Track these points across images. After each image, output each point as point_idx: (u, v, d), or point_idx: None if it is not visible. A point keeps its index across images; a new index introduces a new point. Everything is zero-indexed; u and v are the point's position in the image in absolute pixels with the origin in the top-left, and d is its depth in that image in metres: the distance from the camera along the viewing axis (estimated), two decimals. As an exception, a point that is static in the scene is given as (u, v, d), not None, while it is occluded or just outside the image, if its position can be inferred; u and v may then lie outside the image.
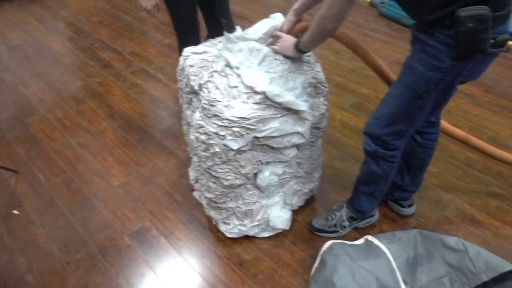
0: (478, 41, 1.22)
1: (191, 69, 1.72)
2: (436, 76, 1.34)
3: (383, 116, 1.52)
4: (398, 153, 1.62)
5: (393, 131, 1.52)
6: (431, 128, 1.72)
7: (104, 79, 3.04)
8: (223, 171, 1.68)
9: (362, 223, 1.90)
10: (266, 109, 1.57)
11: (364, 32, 3.58)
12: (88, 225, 1.99)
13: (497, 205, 2.01)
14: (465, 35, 1.21)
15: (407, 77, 1.42)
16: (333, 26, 1.39)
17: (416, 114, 1.46)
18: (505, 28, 1.28)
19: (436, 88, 1.37)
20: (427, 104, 1.43)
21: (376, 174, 1.66)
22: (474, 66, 1.33)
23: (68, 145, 2.46)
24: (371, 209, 1.84)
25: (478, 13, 1.18)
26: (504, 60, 3.10)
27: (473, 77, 1.40)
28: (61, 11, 4.06)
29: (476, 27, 1.19)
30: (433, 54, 1.31)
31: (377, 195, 1.78)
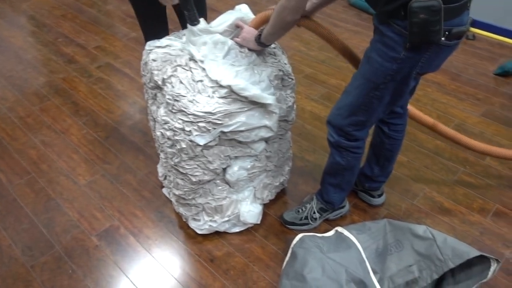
0: (430, 32, 1.23)
1: (154, 63, 1.67)
2: (392, 67, 1.34)
3: (344, 106, 1.53)
4: (361, 144, 1.63)
5: (354, 121, 1.53)
6: (398, 119, 1.73)
7: (68, 75, 2.94)
8: (191, 167, 1.65)
9: (333, 215, 1.90)
10: (232, 103, 1.54)
11: (334, 22, 3.58)
12: (54, 226, 1.92)
13: (464, 192, 2.05)
14: (418, 26, 1.22)
15: (365, 68, 1.42)
16: (292, 18, 1.37)
17: (374, 105, 1.46)
18: (461, 20, 1.29)
19: (393, 79, 1.38)
20: (385, 95, 1.43)
21: (341, 165, 1.67)
22: (430, 57, 1.33)
23: (31, 144, 2.37)
24: (340, 200, 1.84)
25: (430, 4, 1.19)
26: (470, 47, 3.15)
27: (431, 68, 1.41)
28: (22, 5, 3.90)
29: (428, 18, 1.20)
30: (390, 45, 1.32)
31: (345, 186, 1.78)
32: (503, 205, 1.98)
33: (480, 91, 2.72)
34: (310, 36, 3.36)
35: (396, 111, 1.70)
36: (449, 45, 1.32)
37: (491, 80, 2.82)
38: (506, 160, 2.20)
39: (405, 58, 1.31)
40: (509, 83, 2.78)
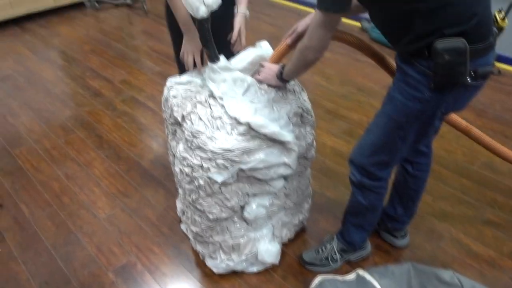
0: (456, 73, 1.20)
1: (174, 100, 1.69)
2: (416, 107, 1.31)
3: (367, 145, 1.50)
4: (384, 184, 1.58)
5: (377, 161, 1.49)
6: (422, 158, 1.68)
7: (93, 108, 3.01)
8: (208, 204, 1.63)
9: (354, 256, 1.84)
10: (251, 140, 1.53)
11: (356, 57, 3.58)
12: (72, 260, 1.92)
13: (493, 234, 1.96)
14: (443, 67, 1.19)
15: (388, 107, 1.39)
16: (314, 57, 1.37)
17: (398, 144, 1.43)
18: (487, 60, 1.26)
19: (418, 119, 1.34)
20: (409, 135, 1.40)
21: (363, 205, 1.62)
22: (456, 97, 1.30)
23: (54, 176, 2.41)
24: (362, 241, 1.78)
25: (455, 45, 1.17)
26: (496, 83, 3.08)
27: (457, 108, 1.37)
28: (53, 40, 4.07)
29: (454, 60, 1.18)
30: (413, 84, 1.29)
31: (367, 227, 1.72)
32: (536, 249, 1.88)
33: (508, 128, 2.64)
34: (331, 70, 3.37)
35: (421, 150, 1.66)
36: (475, 85, 1.28)
37: (519, 116, 2.75)
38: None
39: (429, 98, 1.28)
40: (539, 120, 2.70)
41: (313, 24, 1.28)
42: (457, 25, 1.18)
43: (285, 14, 4.39)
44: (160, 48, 3.81)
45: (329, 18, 1.25)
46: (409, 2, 1.19)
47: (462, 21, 1.18)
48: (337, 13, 1.24)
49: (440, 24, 1.18)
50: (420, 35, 1.21)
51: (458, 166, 2.35)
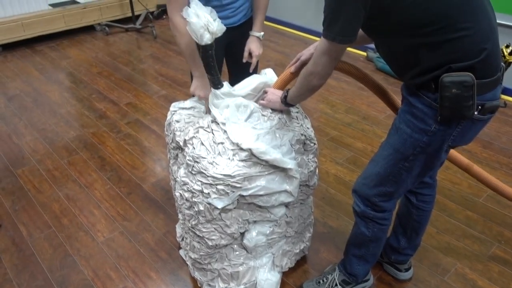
0: (463, 107, 1.19)
1: (177, 124, 1.69)
2: (423, 139, 1.30)
3: (371, 176, 1.47)
4: (388, 215, 1.55)
5: (381, 192, 1.46)
6: (427, 189, 1.65)
7: (98, 130, 3.02)
8: (208, 231, 1.60)
9: (356, 288, 1.79)
10: (252, 166, 1.52)
11: (361, 86, 3.59)
12: (67, 285, 1.88)
13: (500, 270, 1.90)
14: (450, 101, 1.19)
15: (394, 138, 1.38)
16: (318, 83, 1.36)
17: (403, 176, 1.40)
18: (494, 95, 1.25)
19: (424, 151, 1.32)
20: (415, 167, 1.37)
21: (366, 236, 1.58)
22: (463, 131, 1.28)
23: (55, 197, 2.40)
24: (364, 273, 1.73)
25: (462, 79, 1.16)
26: (502, 115, 3.07)
27: (463, 142, 1.35)
28: (62, 62, 4.14)
29: (461, 94, 1.17)
30: (420, 116, 1.28)
31: (370, 259, 1.68)
32: (544, 287, 1.82)
33: (514, 160, 2.61)
34: (336, 98, 3.37)
35: (425, 181, 1.63)
36: (482, 120, 1.27)
37: (525, 149, 2.72)
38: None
39: (436, 131, 1.27)
40: (545, 153, 2.67)
41: (318, 51, 1.29)
42: (465, 60, 1.17)
43: (292, 43, 4.44)
44: (166, 72, 3.85)
45: (334, 47, 1.25)
46: (416, 36, 1.19)
47: (471, 56, 1.17)
48: (342, 44, 1.24)
49: (448, 58, 1.18)
50: (427, 69, 1.21)
51: (463, 198, 2.31)
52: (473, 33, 1.16)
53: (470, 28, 1.16)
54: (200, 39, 1.49)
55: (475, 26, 1.16)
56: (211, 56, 1.52)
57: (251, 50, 1.97)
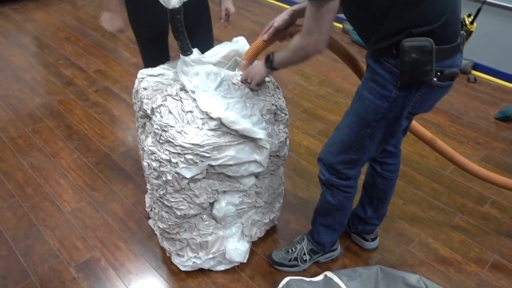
0: (422, 72, 1.21)
1: (144, 92, 1.64)
2: (383, 105, 1.32)
3: (335, 144, 1.49)
4: (353, 183, 1.57)
5: (345, 159, 1.48)
6: (391, 159, 1.68)
7: (65, 97, 2.92)
8: (176, 201, 1.58)
9: (324, 257, 1.82)
10: (222, 136, 1.49)
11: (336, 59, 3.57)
12: (32, 255, 1.84)
13: (461, 240, 1.97)
14: (409, 65, 1.21)
15: (357, 105, 1.40)
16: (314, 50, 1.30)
17: (366, 143, 1.42)
18: (454, 62, 1.27)
19: (385, 117, 1.34)
20: (377, 133, 1.39)
21: (332, 204, 1.61)
22: (422, 97, 1.30)
23: (19, 166, 2.32)
24: (331, 242, 1.76)
25: (422, 44, 1.18)
26: (472, 91, 3.12)
27: (424, 108, 1.38)
28: (27, 25, 3.94)
29: (420, 58, 1.19)
30: (381, 83, 1.30)
31: (337, 227, 1.71)
32: (501, 256, 1.89)
33: (480, 135, 2.67)
34: (311, 70, 3.35)
35: (389, 150, 1.66)
36: (442, 86, 1.29)
37: (492, 124, 2.78)
38: (505, 208, 2.13)
39: (396, 96, 1.29)
40: (510, 128, 2.74)
41: (309, 18, 1.23)
42: (425, 25, 1.19)
43: (268, 12, 4.36)
44: (137, 39, 3.72)
45: (325, 5, 1.18)
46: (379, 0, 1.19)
47: (430, 21, 1.19)
48: None
49: (408, 23, 1.19)
50: (389, 34, 1.22)
51: (430, 171, 2.37)
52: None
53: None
54: (167, 2, 1.42)
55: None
56: (179, 21, 1.46)
57: (228, 8, 1.92)
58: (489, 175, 1.80)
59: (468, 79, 3.23)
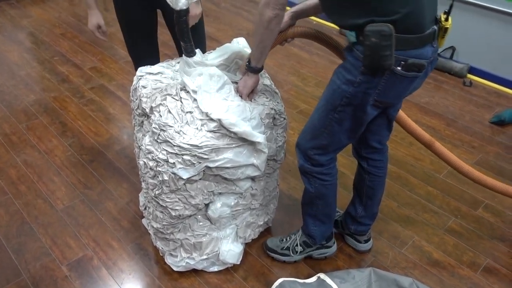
0: (381, 56, 1.25)
1: (143, 90, 1.63)
2: (348, 90, 1.37)
3: (308, 129, 1.55)
4: (326, 171, 1.60)
5: (316, 145, 1.53)
6: (376, 155, 1.70)
7: (60, 94, 2.90)
8: (171, 201, 1.58)
9: (317, 253, 1.83)
10: (221, 138, 1.49)
11: (332, 59, 3.58)
12: (24, 252, 1.83)
13: (455, 243, 1.98)
14: (370, 49, 1.25)
15: (326, 90, 1.46)
16: (272, 13, 1.34)
17: (335, 128, 1.47)
18: (420, 53, 1.30)
19: (350, 103, 1.39)
20: (344, 119, 1.44)
21: (311, 193, 1.65)
22: (386, 85, 1.33)
23: (12, 163, 2.30)
24: (321, 236, 1.78)
25: (381, 29, 1.23)
26: (467, 94, 3.14)
27: (390, 98, 1.40)
28: (23, 21, 3.90)
29: (379, 43, 1.23)
30: (348, 68, 1.35)
31: (323, 219, 1.73)
32: (494, 260, 1.90)
33: (475, 139, 2.68)
34: (307, 71, 3.35)
35: (373, 146, 1.67)
36: (407, 76, 1.32)
37: (487, 128, 2.80)
38: (499, 213, 2.14)
39: (360, 82, 1.33)
40: (505, 133, 2.76)
41: None
42: (387, 15, 1.23)
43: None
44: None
45: None
46: None
47: (391, 11, 1.23)
48: None
49: (372, 12, 1.24)
50: (357, 22, 1.27)
51: (425, 174, 2.38)
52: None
53: None
54: (175, 4, 1.41)
55: None
56: (185, 22, 1.45)
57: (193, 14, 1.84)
58: (486, 179, 1.81)
59: (464, 82, 3.25)
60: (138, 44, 1.98)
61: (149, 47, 2.00)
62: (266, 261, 1.85)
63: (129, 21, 1.91)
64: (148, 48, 1.99)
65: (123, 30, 1.96)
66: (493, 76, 3.27)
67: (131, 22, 1.91)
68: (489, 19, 3.10)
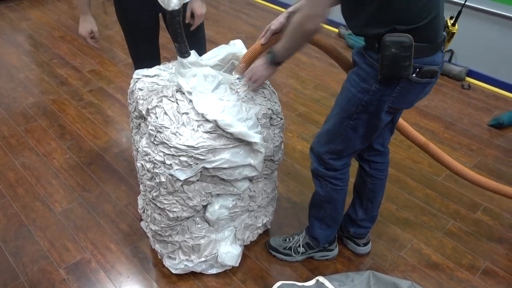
0: (400, 67, 1.26)
1: (140, 92, 1.63)
2: (364, 98, 1.37)
3: (322, 134, 1.56)
4: (339, 175, 1.60)
5: (331, 149, 1.54)
6: (378, 157, 1.70)
7: (58, 97, 2.89)
8: (169, 203, 1.57)
9: (319, 255, 1.84)
10: (217, 138, 1.49)
11: (331, 63, 3.58)
12: (22, 255, 1.82)
13: (453, 246, 1.97)
14: (389, 59, 1.25)
15: (341, 98, 1.46)
16: (314, 27, 1.30)
17: (349, 134, 1.47)
18: (433, 60, 1.31)
19: (366, 110, 1.39)
20: (359, 126, 1.44)
21: (321, 196, 1.65)
22: (402, 92, 1.34)
23: (10, 166, 2.30)
24: (325, 239, 1.78)
25: (401, 40, 1.22)
26: (465, 97, 3.14)
27: (404, 105, 1.42)
28: (22, 23, 3.91)
29: (399, 53, 1.23)
30: (362, 76, 1.35)
31: (329, 222, 1.73)
32: (493, 263, 1.90)
33: (474, 142, 2.68)
34: (306, 74, 3.36)
35: (376, 148, 1.68)
36: (420, 83, 1.33)
37: (485, 131, 2.80)
38: (497, 215, 2.14)
39: (376, 90, 1.34)
40: (503, 136, 2.76)
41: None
42: (410, 23, 1.22)
43: (264, 15, 4.36)
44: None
45: None
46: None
47: (415, 21, 1.23)
48: None
49: (394, 19, 1.23)
50: (378, 33, 1.26)
51: (423, 177, 2.37)
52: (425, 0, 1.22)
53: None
54: (167, 4, 1.42)
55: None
56: (178, 23, 1.46)
57: (193, 9, 1.84)
58: (481, 179, 1.81)
59: (462, 85, 3.26)
60: (139, 45, 1.98)
61: (150, 48, 2.00)
62: (264, 264, 1.84)
63: (131, 23, 1.91)
64: (149, 49, 2.00)
65: (124, 31, 1.96)
66: (491, 79, 3.27)
67: (133, 24, 1.91)
68: (487, 22, 3.11)
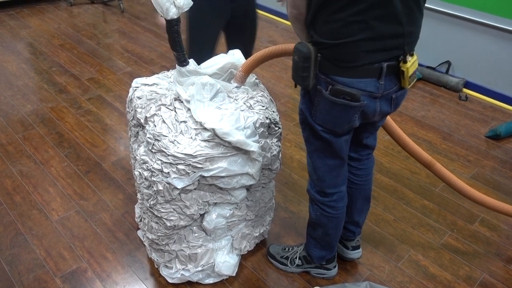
0: (298, 76, 1.28)
1: (138, 101, 1.63)
2: (301, 107, 1.47)
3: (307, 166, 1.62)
4: (329, 203, 1.57)
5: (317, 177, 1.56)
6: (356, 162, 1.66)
7: (57, 105, 2.90)
8: (166, 211, 1.57)
9: (315, 271, 1.81)
10: (215, 147, 1.49)
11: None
12: (17, 264, 1.81)
13: (451, 257, 1.97)
14: (293, 66, 1.29)
15: None
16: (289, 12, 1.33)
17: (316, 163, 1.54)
18: (351, 82, 1.24)
19: (305, 122, 1.47)
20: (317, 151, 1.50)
21: (312, 218, 1.66)
22: (320, 108, 1.34)
23: (7, 173, 2.29)
24: (318, 258, 1.76)
25: (301, 49, 1.23)
26: (463, 109, 3.16)
27: (330, 124, 1.37)
28: (22, 31, 3.92)
29: (298, 62, 1.25)
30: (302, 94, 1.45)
31: (323, 244, 1.70)
32: (490, 274, 1.89)
33: (471, 153, 2.69)
34: (304, 84, 3.36)
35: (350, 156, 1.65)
36: (337, 102, 1.28)
37: (482, 142, 2.81)
38: (494, 227, 2.14)
39: (306, 101, 1.40)
40: (500, 147, 2.77)
41: None
42: (326, 39, 1.22)
43: (263, 25, 4.39)
44: (133, 48, 3.72)
45: None
46: None
47: (330, 37, 1.21)
48: None
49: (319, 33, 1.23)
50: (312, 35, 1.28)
51: (421, 188, 2.38)
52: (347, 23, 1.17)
53: None
54: (166, 13, 1.43)
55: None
56: (177, 32, 1.47)
57: None
58: (485, 199, 1.82)
59: (460, 97, 3.27)
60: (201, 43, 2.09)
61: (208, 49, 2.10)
62: (261, 274, 1.83)
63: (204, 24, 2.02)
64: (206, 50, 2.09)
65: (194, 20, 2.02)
66: (488, 91, 3.29)
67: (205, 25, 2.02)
68: (484, 34, 3.14)
